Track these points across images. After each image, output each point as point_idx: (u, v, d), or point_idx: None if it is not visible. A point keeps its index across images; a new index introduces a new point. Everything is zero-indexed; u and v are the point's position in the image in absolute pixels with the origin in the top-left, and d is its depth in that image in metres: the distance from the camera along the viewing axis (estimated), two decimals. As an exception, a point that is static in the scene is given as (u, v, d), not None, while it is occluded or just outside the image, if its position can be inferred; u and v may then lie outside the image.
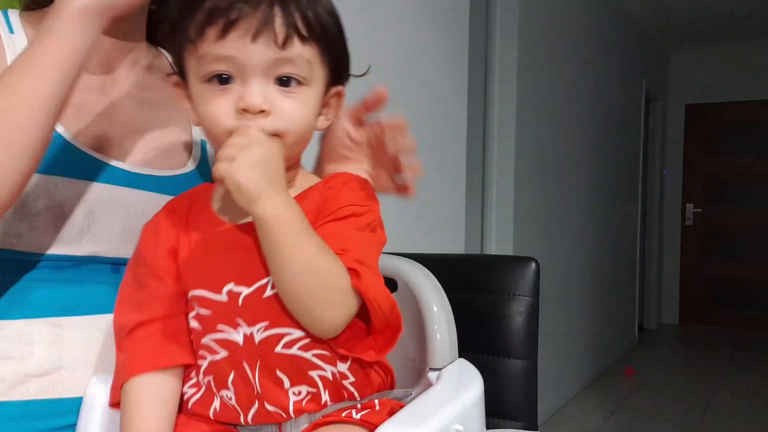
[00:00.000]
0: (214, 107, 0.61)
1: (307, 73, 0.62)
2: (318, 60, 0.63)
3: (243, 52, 0.59)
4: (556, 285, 3.33)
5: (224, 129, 0.61)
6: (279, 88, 0.61)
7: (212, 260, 0.66)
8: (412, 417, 0.62)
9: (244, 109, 0.59)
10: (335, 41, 0.65)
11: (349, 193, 0.66)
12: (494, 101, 2.82)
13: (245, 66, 0.59)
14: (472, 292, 0.90)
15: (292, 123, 0.62)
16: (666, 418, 3.43)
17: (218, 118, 0.61)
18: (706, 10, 4.62)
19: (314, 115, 0.66)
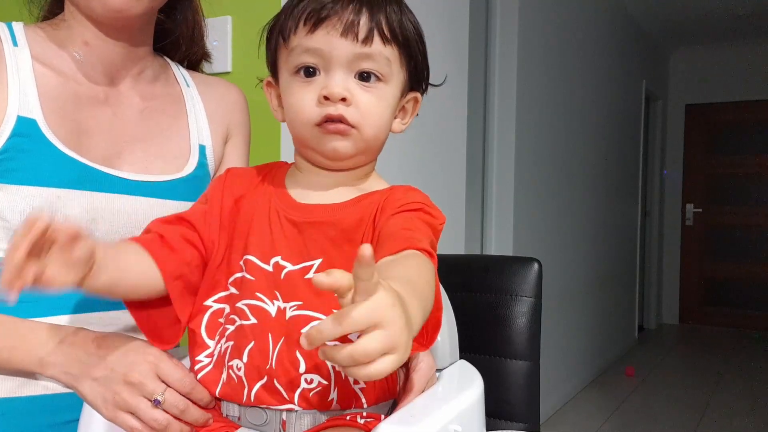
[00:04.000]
0: (299, 97, 0.66)
1: (386, 70, 0.67)
2: (397, 61, 0.68)
3: (329, 45, 0.64)
4: (556, 285, 3.32)
5: (307, 116, 0.66)
6: (359, 82, 0.66)
7: (269, 231, 0.68)
8: (410, 417, 0.62)
9: (325, 97, 0.64)
10: (415, 48, 0.70)
11: (418, 195, 0.70)
12: (494, 101, 2.81)
13: (330, 58, 0.65)
14: (474, 292, 0.90)
15: (368, 115, 0.66)
16: (666, 418, 3.43)
17: (302, 106, 0.66)
18: (706, 10, 4.62)
19: (390, 114, 0.70)
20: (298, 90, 0.67)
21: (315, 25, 0.64)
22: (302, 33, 0.65)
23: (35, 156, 0.73)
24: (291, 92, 0.68)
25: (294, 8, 0.67)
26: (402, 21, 0.68)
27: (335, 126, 0.65)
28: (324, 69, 0.65)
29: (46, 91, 0.77)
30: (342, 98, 0.64)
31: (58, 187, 0.73)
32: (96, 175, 0.76)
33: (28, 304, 0.73)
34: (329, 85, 0.64)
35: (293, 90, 0.67)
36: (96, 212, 0.75)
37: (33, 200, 0.72)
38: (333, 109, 0.65)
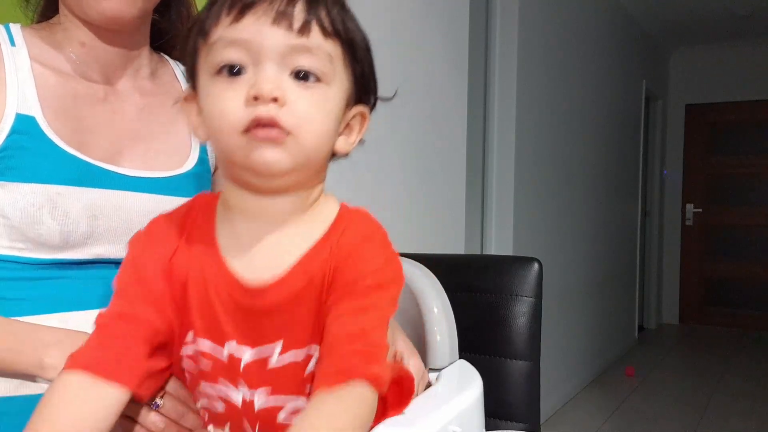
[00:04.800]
0: (221, 99, 0.54)
1: (327, 68, 0.55)
2: (340, 59, 0.57)
3: (258, 34, 0.53)
4: (556, 285, 3.32)
5: (231, 122, 0.53)
6: (295, 81, 0.54)
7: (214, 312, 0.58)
8: (408, 418, 0.61)
9: (255, 97, 0.52)
10: (362, 51, 0.59)
11: (372, 253, 0.57)
12: (494, 101, 2.81)
13: (260, 50, 0.53)
14: (474, 292, 0.90)
15: (307, 119, 0.54)
16: (666, 418, 3.43)
17: (225, 109, 0.54)
18: (706, 10, 4.62)
19: (333, 123, 0.57)
20: (220, 91, 0.54)
21: (241, 12, 0.53)
22: (225, 23, 0.54)
23: (35, 153, 0.73)
24: (211, 95, 0.55)
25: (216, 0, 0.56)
26: (345, 20, 0.57)
27: (266, 132, 0.53)
28: (253, 64, 0.54)
29: (45, 90, 0.77)
30: (274, 98, 0.52)
31: (58, 184, 0.73)
32: (96, 172, 0.77)
33: (23, 302, 0.73)
34: (258, 81, 0.53)
35: (214, 94, 0.55)
36: (96, 209, 0.75)
37: (33, 198, 0.72)
38: (264, 110, 0.52)
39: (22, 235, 0.72)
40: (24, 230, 0.72)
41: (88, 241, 0.75)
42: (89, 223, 0.75)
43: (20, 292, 0.73)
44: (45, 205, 0.72)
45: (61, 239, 0.73)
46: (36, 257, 0.73)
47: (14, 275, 0.73)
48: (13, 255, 0.73)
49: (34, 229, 0.72)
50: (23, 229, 0.72)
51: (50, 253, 0.74)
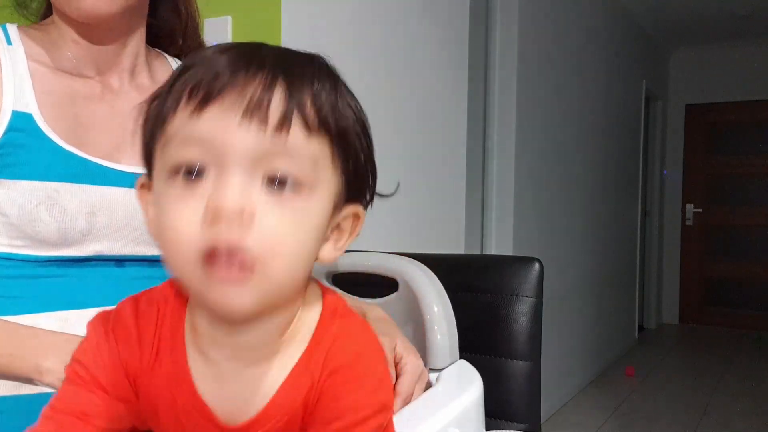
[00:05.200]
0: (174, 215, 0.43)
1: (309, 175, 0.44)
2: (328, 160, 0.46)
3: (223, 133, 0.42)
4: (556, 285, 3.32)
5: (185, 246, 0.43)
6: (269, 190, 0.43)
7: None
8: (407, 419, 0.61)
9: (214, 215, 0.42)
10: (354, 143, 0.48)
11: (357, 386, 0.49)
12: (494, 101, 2.81)
13: (224, 152, 0.42)
14: (474, 292, 0.90)
15: (280, 245, 0.43)
16: (666, 418, 3.43)
17: (178, 227, 0.43)
18: (706, 10, 4.62)
19: (315, 239, 0.47)
20: (174, 201, 0.43)
21: (203, 103, 0.43)
22: (184, 113, 0.43)
23: (32, 150, 0.73)
24: (164, 203, 0.44)
25: (177, 78, 0.45)
26: (337, 104, 0.46)
27: (226, 272, 0.42)
28: (215, 166, 0.43)
29: (41, 87, 0.77)
30: (238, 215, 0.42)
31: (56, 180, 0.73)
32: (94, 169, 0.77)
33: (22, 300, 0.73)
34: (220, 193, 0.42)
35: (168, 200, 0.44)
36: (94, 205, 0.75)
37: (31, 194, 0.72)
38: (224, 235, 0.42)
39: (21, 233, 0.72)
40: (22, 227, 0.72)
41: (87, 238, 0.75)
42: (87, 220, 0.75)
43: (20, 290, 0.73)
44: (43, 201, 0.72)
45: (59, 236, 0.73)
46: (35, 254, 0.73)
47: (13, 273, 0.73)
48: (12, 252, 0.73)
49: (32, 226, 0.72)
50: (21, 227, 0.72)
51: (49, 251, 0.74)
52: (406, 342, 0.71)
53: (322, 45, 1.74)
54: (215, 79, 0.43)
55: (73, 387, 0.52)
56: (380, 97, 1.82)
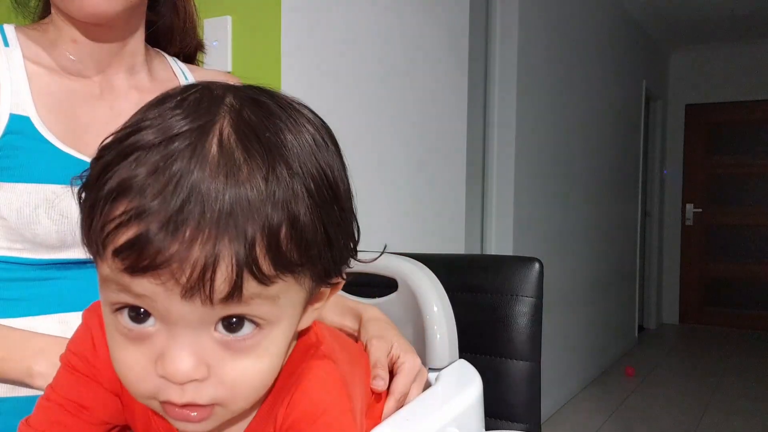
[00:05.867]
0: (123, 359, 0.42)
1: (269, 312, 0.41)
2: (292, 287, 0.42)
3: (164, 301, 0.38)
4: (556, 285, 3.32)
5: (140, 391, 0.42)
6: (223, 337, 0.40)
7: None
8: (406, 419, 0.61)
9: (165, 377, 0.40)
10: (324, 246, 0.42)
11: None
12: (494, 101, 2.81)
13: (167, 315, 0.39)
14: (474, 292, 0.89)
15: (241, 387, 0.42)
16: (666, 418, 3.43)
17: (130, 376, 0.41)
18: (706, 10, 4.62)
19: (282, 355, 0.45)
20: (122, 347, 0.42)
21: (133, 271, 0.38)
22: (114, 265, 0.38)
23: (30, 153, 0.73)
24: (114, 341, 0.42)
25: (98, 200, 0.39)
26: (299, 217, 0.39)
27: (181, 412, 0.41)
28: (160, 320, 0.40)
29: (39, 89, 0.76)
30: (192, 379, 0.40)
31: (54, 183, 0.72)
32: None
33: (22, 302, 0.73)
34: (167, 361, 0.39)
35: (116, 340, 0.42)
36: None
37: (30, 197, 0.71)
38: (178, 395, 0.40)
39: (19, 236, 0.72)
40: (21, 231, 0.71)
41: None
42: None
43: (19, 292, 0.73)
44: (41, 205, 0.71)
45: (57, 239, 0.73)
46: (34, 257, 0.73)
47: (13, 276, 0.73)
48: (11, 256, 0.73)
49: (30, 229, 0.71)
50: (20, 230, 0.71)
51: (48, 254, 0.73)
52: (404, 342, 0.71)
53: (322, 45, 1.73)
54: (143, 247, 0.36)
55: (70, 377, 0.51)
56: (380, 97, 1.82)
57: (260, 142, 0.40)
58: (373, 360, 0.64)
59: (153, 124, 0.40)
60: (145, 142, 0.39)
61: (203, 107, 0.41)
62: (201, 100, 0.41)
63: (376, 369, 0.63)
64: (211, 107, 0.41)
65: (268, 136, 0.40)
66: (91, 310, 0.52)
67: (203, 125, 0.39)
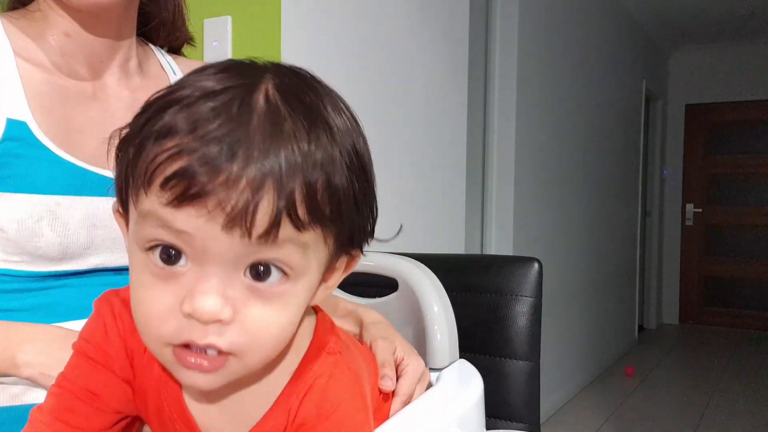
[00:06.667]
0: (149, 298, 0.42)
1: (298, 262, 0.42)
2: (320, 241, 0.43)
3: (203, 234, 0.39)
4: (556, 285, 3.32)
5: (156, 332, 0.42)
6: (251, 283, 0.41)
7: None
8: (408, 419, 0.61)
9: (190, 316, 0.40)
10: (350, 205, 0.44)
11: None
12: (494, 102, 2.81)
13: (204, 251, 0.40)
14: (474, 292, 0.89)
15: (260, 337, 0.42)
16: (666, 418, 3.43)
17: (151, 313, 0.42)
18: (706, 10, 4.62)
19: (298, 316, 0.46)
20: (150, 284, 0.42)
21: (179, 201, 0.38)
22: (157, 199, 0.39)
23: (30, 161, 0.69)
24: (140, 282, 0.43)
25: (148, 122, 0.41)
26: (333, 180, 0.42)
27: (196, 361, 0.42)
28: (193, 259, 0.41)
29: (32, 89, 0.72)
30: (217, 319, 0.40)
31: (56, 193, 0.69)
32: (93, 179, 0.72)
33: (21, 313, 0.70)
34: (195, 296, 0.40)
35: (142, 280, 0.42)
36: (95, 218, 0.71)
37: (32, 208, 0.67)
38: (199, 335, 0.41)
39: (19, 248, 0.68)
40: (21, 243, 0.68)
41: (87, 252, 0.72)
42: (89, 233, 0.71)
43: (17, 302, 0.70)
44: (44, 216, 0.68)
45: (60, 251, 0.70)
46: (32, 270, 0.69)
47: (9, 287, 0.70)
48: (8, 269, 0.69)
49: (32, 241, 0.68)
50: (20, 242, 0.68)
51: (47, 266, 0.70)
52: (406, 344, 0.70)
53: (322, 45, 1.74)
54: (192, 175, 0.38)
55: (82, 365, 0.51)
56: (380, 96, 1.82)
57: (303, 103, 0.42)
58: (380, 360, 0.64)
59: (196, 83, 0.41)
60: (190, 94, 0.41)
61: (247, 72, 0.43)
62: (243, 68, 0.43)
63: (384, 369, 0.63)
64: (254, 72, 0.43)
65: (310, 101, 0.43)
66: (102, 298, 0.53)
67: (249, 84, 0.41)
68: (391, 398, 0.64)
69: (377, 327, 0.71)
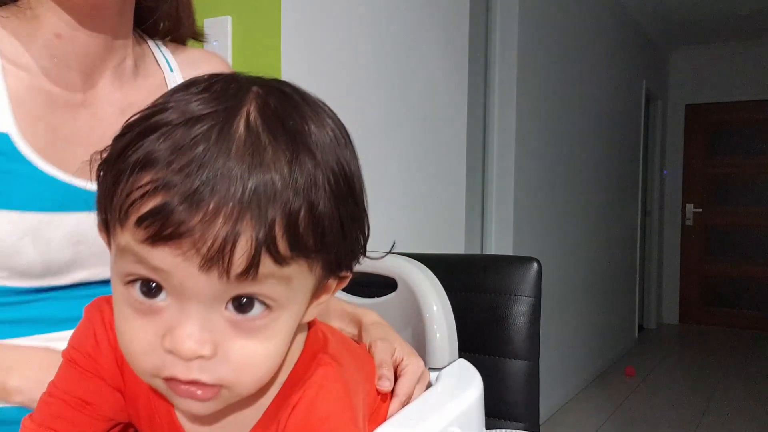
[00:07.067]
0: (131, 332, 0.41)
1: (281, 294, 0.41)
2: (305, 271, 0.42)
3: (181, 273, 0.38)
4: (556, 285, 3.32)
5: (142, 366, 0.42)
6: (233, 316, 0.40)
7: None
8: (408, 419, 0.61)
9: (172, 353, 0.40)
10: (339, 237, 0.43)
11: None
12: (494, 102, 2.81)
13: (182, 289, 0.39)
14: (473, 292, 0.90)
15: (246, 369, 0.42)
16: (666, 418, 3.43)
17: (135, 351, 0.41)
18: (706, 10, 4.62)
19: (287, 344, 0.45)
20: (130, 319, 0.41)
21: (154, 240, 0.38)
22: (133, 235, 0.39)
23: (11, 177, 0.64)
24: (121, 313, 0.42)
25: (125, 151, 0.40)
26: (318, 206, 0.40)
27: (189, 390, 0.41)
28: (172, 294, 0.40)
29: (17, 96, 0.67)
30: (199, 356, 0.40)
31: (40, 210, 0.65)
32: (80, 195, 0.68)
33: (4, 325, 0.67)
34: (176, 335, 0.39)
35: (124, 312, 0.42)
36: (80, 234, 0.68)
37: (13, 226, 0.63)
38: (182, 371, 0.40)
39: (2, 267, 0.65)
40: (2, 261, 0.64)
41: (71, 268, 0.69)
42: (73, 250, 0.67)
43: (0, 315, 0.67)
44: (27, 233, 0.64)
45: (42, 268, 0.66)
46: (14, 286, 0.66)
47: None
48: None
49: (14, 259, 0.64)
50: (1, 260, 0.64)
51: (30, 282, 0.67)
52: (406, 345, 0.70)
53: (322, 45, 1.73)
54: (168, 214, 0.37)
55: (72, 373, 0.51)
56: (380, 96, 1.82)
57: (285, 128, 0.41)
58: (378, 361, 0.64)
59: (178, 105, 0.40)
60: (171, 120, 0.40)
61: (230, 93, 0.42)
62: (227, 87, 0.42)
63: (381, 369, 0.63)
64: (237, 93, 0.42)
65: (293, 124, 0.41)
66: (93, 305, 0.52)
67: (230, 108, 0.40)
68: (390, 399, 0.64)
69: (376, 328, 0.70)
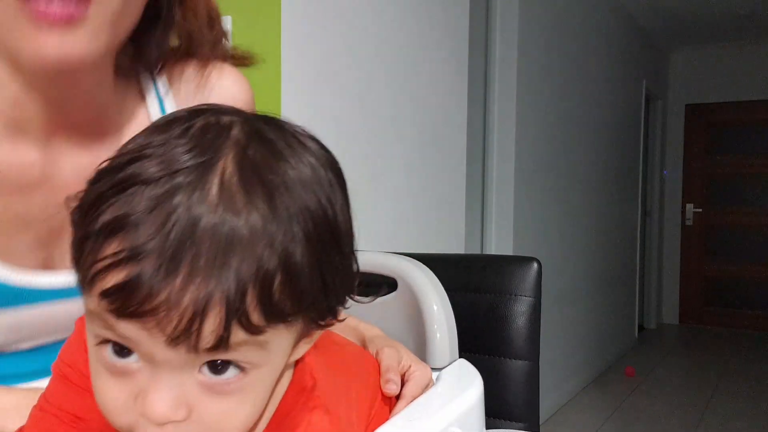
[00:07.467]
0: (105, 390, 0.40)
1: (257, 358, 0.39)
2: (283, 333, 0.40)
3: (149, 344, 0.37)
4: (556, 285, 3.32)
5: (118, 425, 0.40)
6: (207, 379, 0.39)
7: None
8: (408, 420, 0.61)
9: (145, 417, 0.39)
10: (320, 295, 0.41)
11: None
12: (494, 101, 2.82)
13: (151, 357, 0.38)
14: (473, 292, 0.90)
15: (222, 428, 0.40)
16: (666, 418, 3.43)
17: (109, 408, 0.40)
18: (706, 10, 4.62)
19: (266, 396, 0.43)
20: (103, 378, 0.40)
21: (117, 315, 0.36)
22: (99, 304, 0.37)
23: None
24: (95, 371, 0.41)
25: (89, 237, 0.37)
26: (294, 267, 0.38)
27: None
28: (144, 360, 0.39)
29: None
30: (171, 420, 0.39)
31: None
32: (19, 293, 0.61)
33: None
34: (147, 399, 0.38)
35: (98, 370, 0.41)
36: (19, 326, 0.63)
37: None
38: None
39: None
40: None
41: (15, 346, 0.64)
42: (9, 335, 0.63)
43: None
44: None
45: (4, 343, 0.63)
46: None
47: None
48: None
49: None
50: None
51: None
52: (412, 354, 0.70)
53: (322, 45, 1.73)
54: (129, 294, 0.35)
55: (63, 388, 0.50)
56: (380, 96, 1.82)
57: (263, 184, 0.38)
58: (385, 366, 0.64)
59: (156, 153, 0.38)
60: (145, 176, 0.37)
61: (209, 138, 0.39)
62: (207, 129, 0.40)
63: (388, 374, 0.63)
64: (216, 140, 0.39)
65: (272, 179, 0.39)
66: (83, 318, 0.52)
67: (206, 162, 0.38)
68: (395, 402, 0.64)
69: (381, 339, 0.70)
